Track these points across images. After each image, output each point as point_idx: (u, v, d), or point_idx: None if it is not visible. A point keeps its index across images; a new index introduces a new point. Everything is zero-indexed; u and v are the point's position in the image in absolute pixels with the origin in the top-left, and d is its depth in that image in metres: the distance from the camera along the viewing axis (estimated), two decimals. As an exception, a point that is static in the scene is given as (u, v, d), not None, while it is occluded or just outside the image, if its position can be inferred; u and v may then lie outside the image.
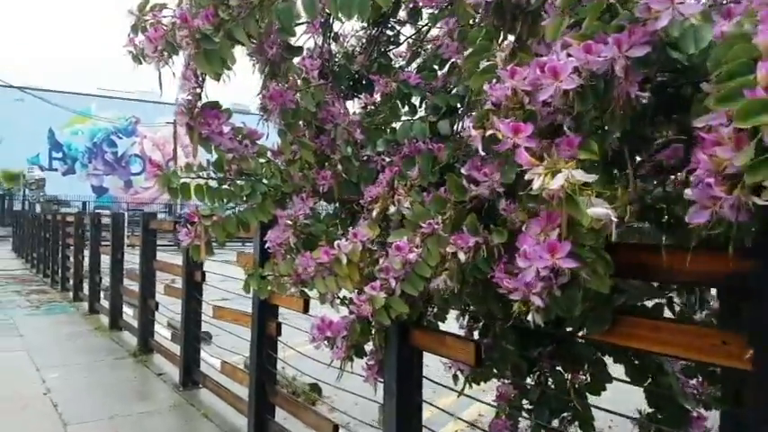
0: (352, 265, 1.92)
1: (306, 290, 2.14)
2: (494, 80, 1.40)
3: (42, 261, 13.03)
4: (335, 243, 1.92)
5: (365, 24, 2.86)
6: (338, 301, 2.14)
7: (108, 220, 7.75)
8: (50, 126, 47.69)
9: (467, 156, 2.04)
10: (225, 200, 2.11)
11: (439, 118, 2.23)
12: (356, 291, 1.94)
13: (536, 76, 1.26)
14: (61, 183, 44.46)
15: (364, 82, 2.83)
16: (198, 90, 2.07)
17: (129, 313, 7.11)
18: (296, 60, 2.11)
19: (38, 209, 24.91)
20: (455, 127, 2.16)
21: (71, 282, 9.72)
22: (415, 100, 2.44)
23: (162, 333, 6.13)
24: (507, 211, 1.65)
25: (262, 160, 2.27)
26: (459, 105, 2.25)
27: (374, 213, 1.97)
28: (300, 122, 2.26)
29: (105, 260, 7.86)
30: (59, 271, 10.87)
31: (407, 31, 2.92)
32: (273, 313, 3.63)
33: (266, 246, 2.36)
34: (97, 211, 36.78)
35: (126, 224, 7.79)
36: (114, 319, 7.20)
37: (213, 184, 2.21)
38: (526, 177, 1.16)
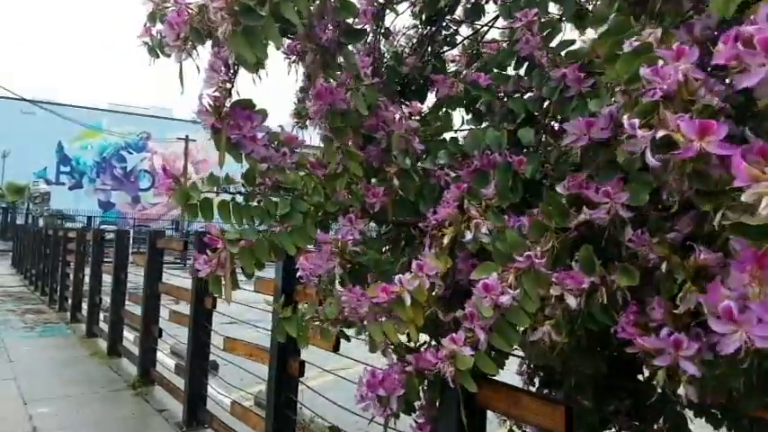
0: (417, 307, 1.54)
1: (345, 330, 1.76)
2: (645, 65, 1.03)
3: (41, 278, 12.72)
4: (397, 278, 1.54)
5: (417, 21, 2.52)
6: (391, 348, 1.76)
7: (112, 236, 7.43)
8: (60, 140, 47.97)
9: (558, 170, 1.68)
10: (255, 220, 1.74)
11: (518, 125, 1.86)
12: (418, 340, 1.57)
13: (731, 53, 0.89)
14: (68, 197, 44.56)
15: (413, 87, 2.49)
16: (228, 84, 1.73)
17: (129, 338, 6.73)
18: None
19: (41, 223, 24.74)
20: (541, 136, 1.80)
21: (69, 301, 9.38)
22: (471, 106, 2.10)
23: (165, 362, 5.74)
24: (637, 243, 1.27)
25: (300, 173, 1.91)
26: (537, 112, 1.89)
27: (444, 241, 1.59)
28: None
29: (107, 279, 7.53)
30: (58, 289, 10.53)
31: (462, 31, 2.59)
32: (295, 350, 3.24)
33: (298, 275, 2.00)
34: (101, 227, 37.09)
35: (131, 242, 7.44)
36: (113, 345, 6.81)
37: (239, 199, 1.85)
38: (744, 198, 0.78)
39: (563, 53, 1.80)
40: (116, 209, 49.26)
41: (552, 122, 1.80)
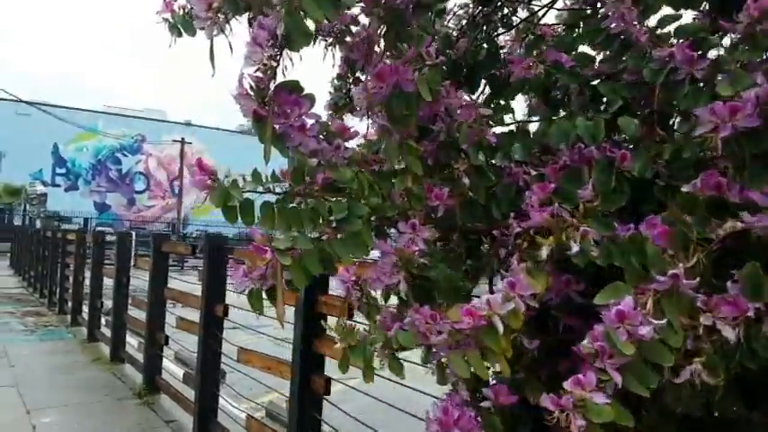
0: (508, 335, 1.24)
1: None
2: None
3: (40, 280, 12.32)
4: (484, 299, 1.24)
5: (468, 1, 2.22)
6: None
7: (112, 238, 7.08)
8: (55, 141, 47.27)
9: (674, 168, 1.38)
10: (306, 226, 1.43)
11: (614, 114, 1.56)
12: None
13: None
14: (63, 199, 43.89)
15: (464, 74, 2.18)
16: (273, 63, 1.42)
17: (132, 344, 6.39)
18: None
19: (38, 224, 24.23)
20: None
21: (70, 304, 9.01)
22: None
23: (170, 369, 5.41)
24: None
25: (352, 171, 1.60)
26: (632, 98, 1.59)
27: (542, 253, 1.28)
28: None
29: (108, 282, 7.19)
30: (58, 292, 10.15)
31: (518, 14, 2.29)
32: (320, 365, 2.93)
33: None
34: (100, 228, 36.66)
35: (134, 244, 7.10)
36: (116, 350, 6.47)
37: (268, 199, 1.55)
38: None
39: (669, 29, 1.50)
40: (112, 211, 48.61)
41: (657, 111, 1.50)
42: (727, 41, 1.44)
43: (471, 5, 2.19)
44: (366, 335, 1.50)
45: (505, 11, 2.19)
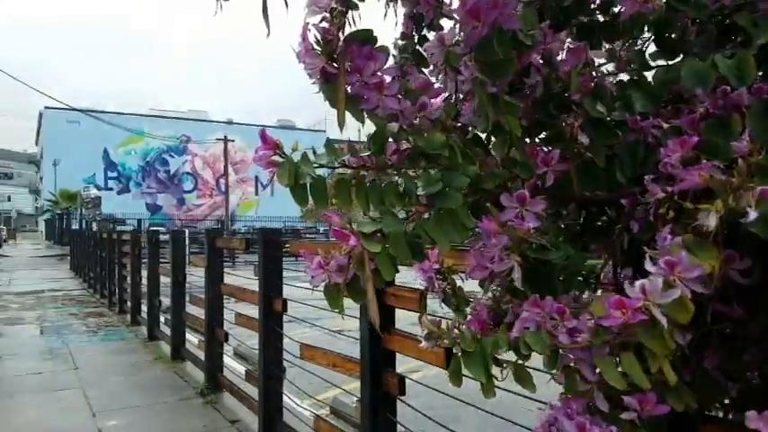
0: (672, 332, 0.94)
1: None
2: None
3: (99, 281, 12.53)
4: (638, 285, 0.94)
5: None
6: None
7: (166, 237, 7.01)
8: (105, 146, 48.58)
9: None
10: (397, 204, 1.16)
11: (761, 49, 1.22)
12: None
13: None
14: (116, 201, 45.19)
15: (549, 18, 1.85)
16: (342, 7, 1.16)
17: (192, 341, 6.31)
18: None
19: (94, 227, 24.86)
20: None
21: (129, 304, 9.07)
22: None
23: (231, 366, 5.28)
24: None
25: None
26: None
27: (711, 222, 0.97)
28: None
29: (164, 280, 7.14)
30: (116, 292, 10.26)
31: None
32: (391, 363, 2.68)
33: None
34: (154, 228, 37.52)
35: (187, 241, 7.02)
36: (176, 349, 6.40)
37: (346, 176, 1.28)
38: None
39: None
40: (163, 211, 49.83)
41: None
42: None
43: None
44: (466, 334, 1.22)
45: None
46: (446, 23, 1.61)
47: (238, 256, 20.57)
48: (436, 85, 1.37)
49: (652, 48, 1.43)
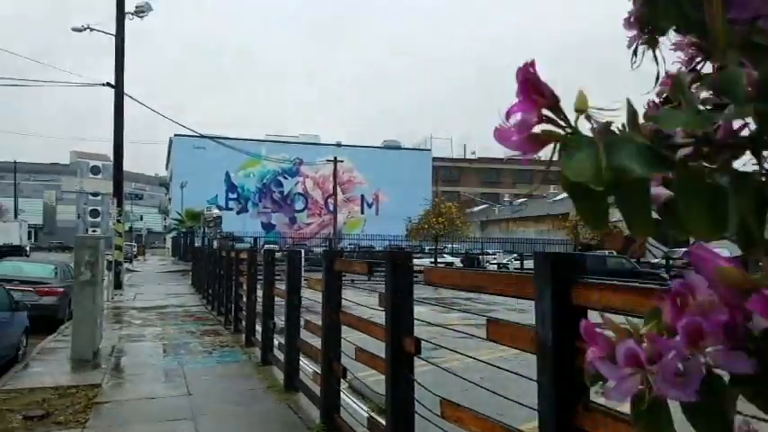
0: None
1: None
2: None
3: (217, 298, 12.55)
4: None
5: None
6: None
7: (280, 254, 6.57)
8: (227, 170, 51.19)
9: None
10: None
11: None
12: None
13: None
14: (235, 220, 47.23)
15: None
16: None
17: (307, 371, 5.76)
18: None
19: (215, 245, 25.73)
20: None
21: (244, 323, 8.80)
22: None
23: (351, 406, 4.63)
24: None
25: None
26: None
27: None
28: None
29: (280, 301, 6.72)
30: (232, 310, 10.10)
31: None
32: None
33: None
34: (268, 246, 38.43)
35: (303, 262, 6.54)
36: (289, 377, 5.88)
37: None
38: None
39: None
40: (276, 229, 51.49)
41: None
42: None
43: None
44: None
45: None
46: None
47: (353, 277, 20.26)
48: None
49: None
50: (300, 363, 5.98)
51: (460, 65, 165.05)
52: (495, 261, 31.10)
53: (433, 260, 26.60)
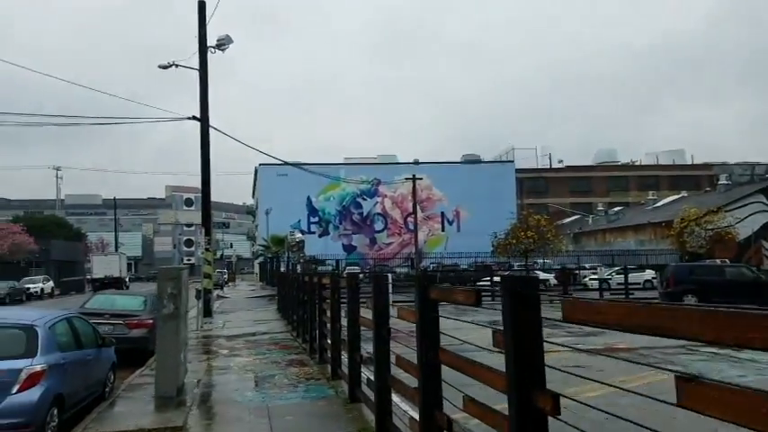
0: None
1: None
2: None
3: (301, 324, 12.12)
4: None
5: None
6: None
7: (363, 276, 5.87)
8: (308, 194, 52.00)
9: None
10: None
11: None
12: None
13: None
14: (317, 243, 47.60)
15: None
16: None
17: (402, 413, 5.00)
18: None
19: (298, 269, 25.68)
20: None
21: (329, 353, 8.20)
22: None
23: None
24: None
25: None
26: None
27: None
28: None
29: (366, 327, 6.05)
30: (317, 338, 9.55)
31: None
32: None
33: None
34: (350, 268, 38.34)
35: (390, 287, 5.82)
36: (381, 421, 5.11)
37: None
38: None
39: None
40: (357, 251, 51.54)
41: None
42: None
43: None
44: None
45: None
46: None
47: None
48: None
49: None
50: (393, 399, 5.24)
51: (535, 72, 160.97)
52: (595, 276, 29.09)
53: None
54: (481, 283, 27.13)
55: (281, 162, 35.75)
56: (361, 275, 8.24)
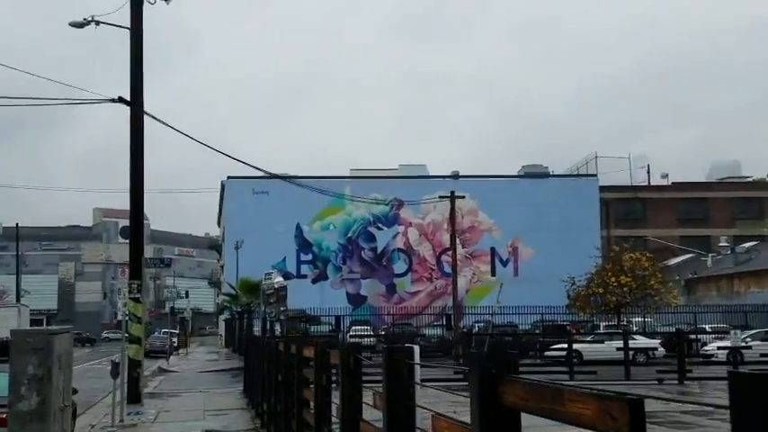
0: None
1: None
2: None
3: (275, 419, 11.11)
4: None
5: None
6: None
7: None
8: (297, 221, 50.98)
9: None
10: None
11: None
12: None
13: None
14: (311, 292, 46.37)
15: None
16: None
17: None
18: None
19: (277, 330, 24.43)
20: None
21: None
22: None
23: None
24: None
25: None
26: None
27: None
28: None
29: None
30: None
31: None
32: None
33: None
34: (356, 330, 36.87)
35: (417, 361, 4.53)
36: None
37: None
38: None
39: None
40: (368, 302, 50.14)
41: None
42: None
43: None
44: None
45: None
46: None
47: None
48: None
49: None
50: None
51: (622, 56, 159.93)
52: (722, 344, 27.33)
53: (622, 346, 23.40)
54: (552, 353, 26.16)
55: (259, 174, 34.85)
56: (371, 341, 6.87)
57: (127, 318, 15.92)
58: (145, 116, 17.53)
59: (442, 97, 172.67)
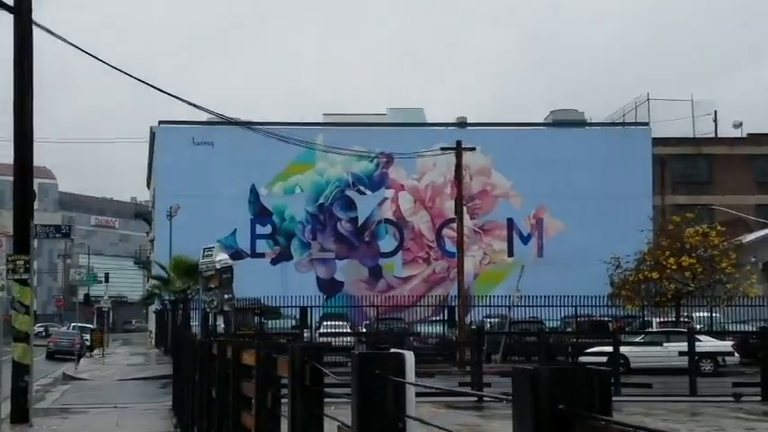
0: None
1: None
2: None
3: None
4: None
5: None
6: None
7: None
8: (253, 183, 50.48)
9: None
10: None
11: None
12: None
13: None
14: (270, 275, 46.16)
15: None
16: None
17: None
18: None
19: (220, 325, 23.80)
20: None
21: None
22: None
23: None
24: None
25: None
26: None
27: None
28: None
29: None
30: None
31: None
32: None
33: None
34: (323, 324, 36.57)
35: (410, 377, 3.80)
36: None
37: None
38: None
39: None
40: (345, 290, 49.96)
41: None
42: None
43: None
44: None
45: None
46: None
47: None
48: None
49: None
50: None
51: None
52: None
53: (687, 351, 22.68)
54: (589, 358, 25.74)
55: (202, 117, 34.08)
56: (348, 341, 6.07)
57: (9, 304, 15.44)
58: (48, 37, 16.71)
59: (449, 22, 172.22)
